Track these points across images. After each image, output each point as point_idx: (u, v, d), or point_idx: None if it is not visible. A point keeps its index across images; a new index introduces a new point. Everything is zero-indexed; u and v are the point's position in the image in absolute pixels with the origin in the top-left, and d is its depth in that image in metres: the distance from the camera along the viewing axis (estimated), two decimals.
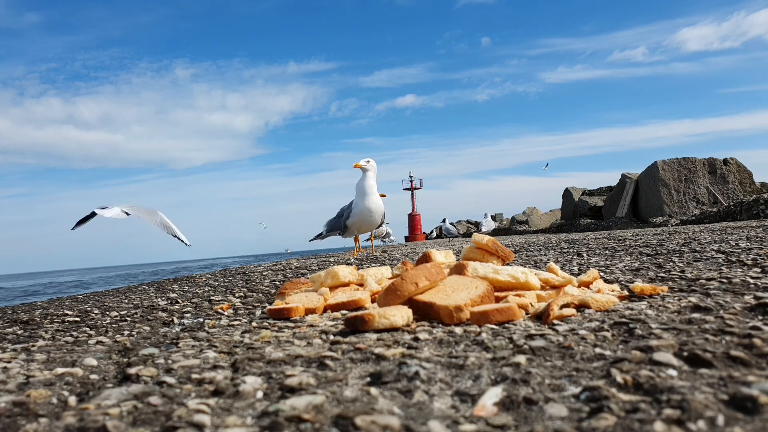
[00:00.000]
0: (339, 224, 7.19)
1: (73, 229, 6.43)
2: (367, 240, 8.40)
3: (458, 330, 1.23)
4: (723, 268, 2.03)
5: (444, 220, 17.06)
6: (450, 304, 1.32)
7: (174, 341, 1.36)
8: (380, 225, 6.92)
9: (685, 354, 0.88)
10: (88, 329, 1.73)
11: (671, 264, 2.34)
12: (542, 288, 1.66)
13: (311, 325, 1.45)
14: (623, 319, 1.18)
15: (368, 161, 6.55)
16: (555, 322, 1.24)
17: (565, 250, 4.00)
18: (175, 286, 3.54)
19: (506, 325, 1.25)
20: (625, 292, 1.54)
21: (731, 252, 2.59)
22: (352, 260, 5.51)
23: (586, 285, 1.68)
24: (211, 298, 2.48)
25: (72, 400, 0.87)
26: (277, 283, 3.08)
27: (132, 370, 1.02)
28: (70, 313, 2.29)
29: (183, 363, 1.06)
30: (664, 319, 1.18)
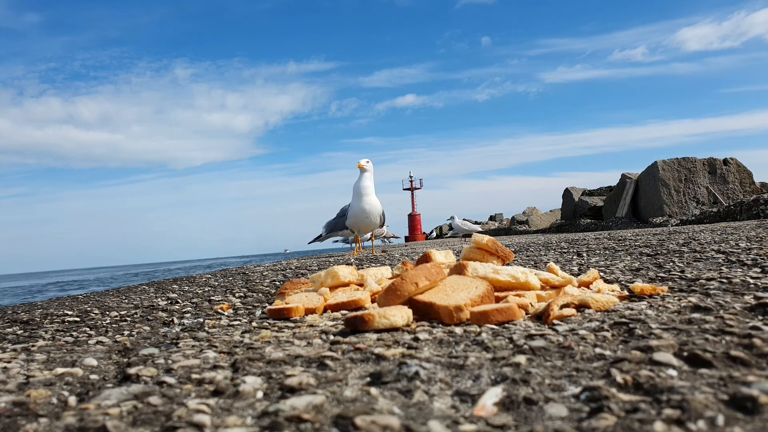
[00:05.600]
0: (339, 225, 7.21)
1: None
2: (368, 240, 8.42)
3: (458, 330, 1.23)
4: (723, 268, 2.03)
5: (453, 217, 14.17)
6: (450, 304, 1.32)
7: (174, 341, 1.36)
8: (381, 225, 6.93)
9: (685, 354, 0.88)
10: (88, 329, 1.73)
11: (671, 264, 2.34)
12: (542, 288, 1.66)
13: (311, 325, 1.45)
14: (623, 319, 1.18)
15: (368, 161, 6.58)
16: (555, 322, 1.24)
17: (565, 250, 4.00)
18: (175, 286, 3.54)
19: (506, 325, 1.25)
20: (625, 292, 1.54)
21: (731, 252, 2.59)
22: (352, 260, 5.51)
23: (586, 285, 1.68)
24: (211, 298, 2.48)
25: (72, 400, 0.87)
26: (277, 283, 3.08)
27: (132, 370, 1.02)
28: (70, 313, 2.29)
29: (183, 363, 1.06)
30: (664, 319, 1.18)
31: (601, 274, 2.16)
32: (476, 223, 32.49)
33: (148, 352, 1.22)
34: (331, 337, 1.24)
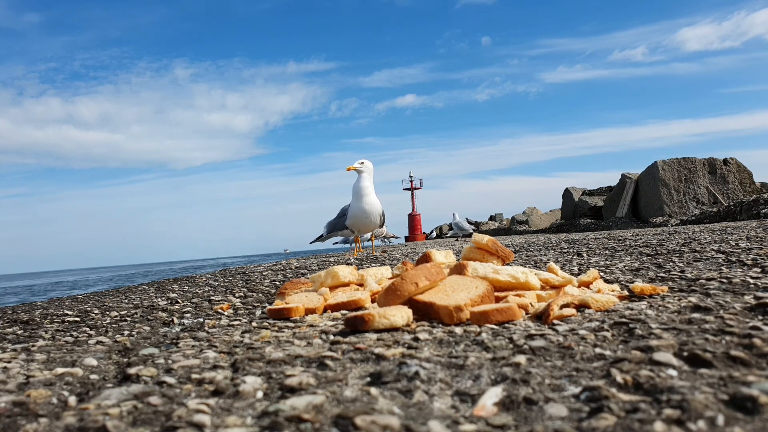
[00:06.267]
0: (339, 225, 7.25)
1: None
2: (368, 240, 8.43)
3: (458, 330, 1.23)
4: (723, 268, 2.03)
5: (454, 214, 13.82)
6: (450, 304, 1.32)
7: (174, 341, 1.36)
8: (381, 225, 6.95)
9: (685, 354, 0.88)
10: (88, 329, 1.73)
11: (671, 264, 2.34)
12: (542, 288, 1.66)
13: (311, 325, 1.45)
14: (623, 319, 1.18)
15: (362, 163, 6.57)
16: (555, 322, 1.24)
17: (565, 250, 4.00)
18: (175, 286, 3.54)
19: (506, 325, 1.25)
20: (625, 292, 1.54)
21: (731, 252, 2.59)
22: (352, 260, 5.51)
23: (586, 285, 1.68)
24: (211, 298, 2.48)
25: (72, 400, 0.87)
26: (277, 283, 3.08)
27: (132, 370, 1.02)
28: (70, 313, 2.29)
29: (183, 363, 1.06)
30: (664, 319, 1.18)
31: (601, 274, 2.16)
32: (476, 223, 32.48)
33: (148, 352, 1.22)
34: (331, 337, 1.24)
